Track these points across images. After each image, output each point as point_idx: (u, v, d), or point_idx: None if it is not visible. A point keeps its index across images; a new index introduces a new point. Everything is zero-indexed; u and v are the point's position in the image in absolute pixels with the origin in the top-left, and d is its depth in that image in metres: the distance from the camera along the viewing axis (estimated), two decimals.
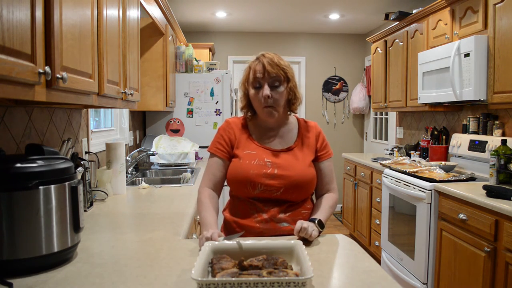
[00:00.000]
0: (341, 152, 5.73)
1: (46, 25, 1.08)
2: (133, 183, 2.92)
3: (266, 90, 1.44)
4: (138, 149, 3.38)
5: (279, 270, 1.00)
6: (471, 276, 2.28)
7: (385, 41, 4.30)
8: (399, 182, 3.11)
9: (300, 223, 1.34)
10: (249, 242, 1.19)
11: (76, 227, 1.22)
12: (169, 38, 3.66)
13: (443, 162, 3.26)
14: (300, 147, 1.54)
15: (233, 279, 0.93)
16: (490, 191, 2.23)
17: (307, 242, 1.34)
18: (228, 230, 1.53)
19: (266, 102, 1.45)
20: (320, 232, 1.40)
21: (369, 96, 5.45)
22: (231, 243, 1.18)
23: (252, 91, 1.48)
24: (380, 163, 3.67)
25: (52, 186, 1.14)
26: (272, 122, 1.54)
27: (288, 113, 1.58)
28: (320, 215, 1.45)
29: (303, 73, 5.85)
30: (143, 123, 4.15)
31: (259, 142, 1.54)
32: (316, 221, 1.39)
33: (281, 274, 0.98)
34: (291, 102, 1.53)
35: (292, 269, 1.06)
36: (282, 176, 1.46)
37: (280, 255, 1.13)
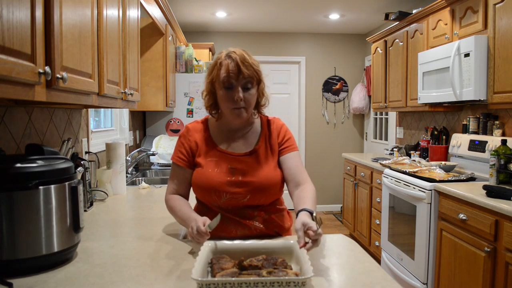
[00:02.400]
0: (341, 152, 5.74)
1: (46, 25, 1.08)
2: (133, 183, 2.92)
3: (240, 93, 1.36)
4: (138, 149, 3.38)
5: (279, 270, 1.01)
6: (471, 276, 2.28)
7: (385, 41, 4.30)
8: (399, 182, 3.11)
9: (304, 225, 1.13)
10: (248, 242, 1.19)
11: (76, 227, 1.22)
12: (169, 38, 3.66)
13: (443, 162, 3.26)
14: (264, 148, 1.47)
15: (233, 279, 0.93)
16: (490, 191, 2.23)
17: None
18: None
19: (238, 104, 1.37)
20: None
21: (369, 96, 5.45)
22: (230, 243, 1.18)
23: (221, 92, 1.38)
24: (380, 163, 3.67)
25: (52, 186, 1.14)
26: (238, 123, 1.46)
27: (255, 115, 1.52)
28: (308, 205, 1.28)
29: (303, 73, 5.85)
30: (143, 123, 4.15)
31: (222, 147, 1.46)
32: (313, 215, 1.22)
33: (281, 274, 0.98)
34: (260, 104, 1.48)
35: (291, 269, 1.06)
36: (246, 183, 1.39)
37: (279, 255, 1.13)
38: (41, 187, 1.11)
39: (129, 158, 3.05)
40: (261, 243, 1.19)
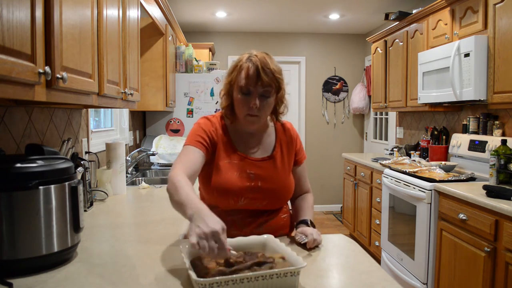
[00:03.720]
0: (341, 152, 5.74)
1: (46, 25, 1.08)
2: (133, 183, 2.92)
3: (256, 100, 1.32)
4: (138, 149, 3.38)
5: (266, 262, 1.04)
6: (471, 276, 2.28)
7: (385, 41, 4.30)
8: (399, 182, 3.11)
9: (306, 233, 1.34)
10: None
11: (76, 227, 1.22)
12: (169, 38, 3.66)
13: (443, 162, 3.26)
14: (280, 154, 1.47)
15: (236, 275, 0.95)
16: (490, 191, 2.23)
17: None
18: None
19: (253, 111, 1.34)
20: None
21: (369, 96, 5.45)
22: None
23: (238, 96, 1.35)
24: (380, 163, 3.67)
25: (52, 186, 1.14)
26: (252, 129, 1.45)
27: (271, 121, 1.50)
28: (308, 216, 1.46)
29: (303, 73, 5.85)
30: (143, 123, 4.15)
31: (241, 151, 1.43)
32: (309, 222, 1.42)
33: (269, 265, 1.02)
34: (278, 111, 1.45)
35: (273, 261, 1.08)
36: (266, 189, 1.40)
37: (255, 250, 1.15)
38: (41, 187, 1.11)
39: (129, 158, 3.05)
40: (234, 240, 1.19)
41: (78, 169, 1.75)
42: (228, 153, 1.42)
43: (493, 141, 2.82)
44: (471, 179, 2.76)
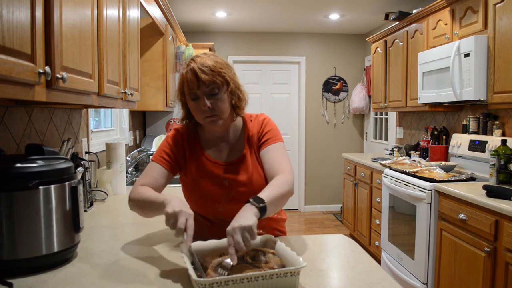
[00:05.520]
0: (341, 152, 5.75)
1: (46, 25, 1.08)
2: (133, 183, 2.92)
3: (205, 102, 1.27)
4: (138, 149, 3.38)
5: (261, 255, 1.06)
6: (471, 276, 2.29)
7: (385, 41, 4.30)
8: (399, 182, 3.11)
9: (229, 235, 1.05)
10: (224, 240, 1.17)
11: (76, 227, 1.22)
12: (169, 38, 3.66)
13: (443, 162, 3.26)
14: (250, 152, 1.41)
15: (236, 275, 0.95)
16: (490, 191, 2.23)
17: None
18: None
19: (207, 113, 1.30)
20: (260, 211, 1.13)
21: (369, 96, 5.45)
22: (208, 243, 1.18)
23: (190, 103, 1.32)
24: (380, 163, 3.67)
25: (52, 186, 1.14)
26: (218, 130, 1.40)
27: (235, 118, 1.43)
28: (260, 194, 1.19)
29: (303, 73, 5.85)
30: (143, 123, 4.15)
31: (212, 156, 1.40)
32: (252, 200, 1.14)
33: (263, 258, 1.04)
34: (235, 105, 1.37)
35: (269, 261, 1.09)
36: (241, 193, 1.34)
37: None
38: (41, 187, 1.12)
39: (129, 158, 3.06)
40: None
41: (78, 169, 1.75)
42: (200, 161, 1.40)
43: (493, 141, 2.82)
44: (471, 179, 2.76)
